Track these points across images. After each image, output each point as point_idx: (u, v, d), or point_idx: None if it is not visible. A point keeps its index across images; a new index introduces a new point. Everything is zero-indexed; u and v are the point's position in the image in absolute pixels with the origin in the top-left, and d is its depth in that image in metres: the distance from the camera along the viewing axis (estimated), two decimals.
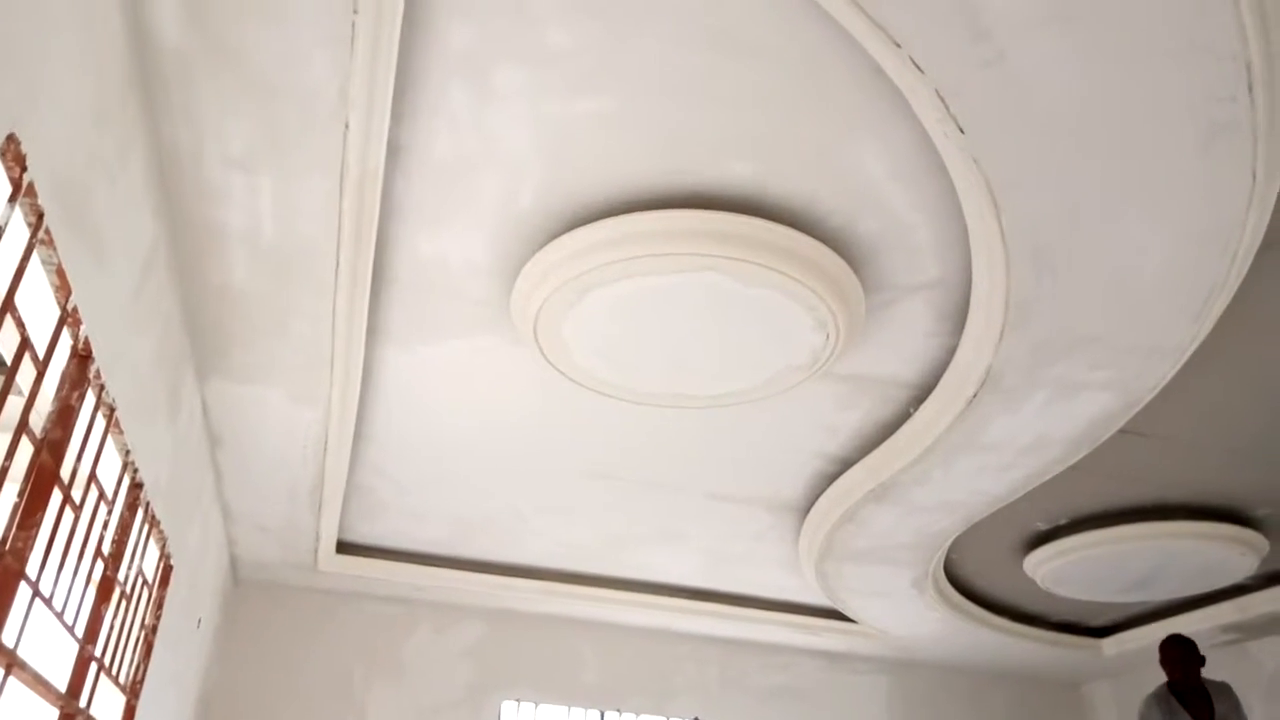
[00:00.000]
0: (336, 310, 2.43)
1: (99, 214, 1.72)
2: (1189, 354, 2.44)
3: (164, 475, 2.67)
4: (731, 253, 2.12)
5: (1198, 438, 3.06)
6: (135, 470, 2.37)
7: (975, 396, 2.57)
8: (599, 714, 5.06)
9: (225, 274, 2.34)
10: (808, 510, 3.70)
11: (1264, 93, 1.67)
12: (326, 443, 3.17)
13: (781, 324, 2.35)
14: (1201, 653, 3.43)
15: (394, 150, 2.04)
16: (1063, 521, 3.74)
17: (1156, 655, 3.59)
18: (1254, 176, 1.84)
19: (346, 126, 1.90)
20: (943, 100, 1.71)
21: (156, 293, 2.19)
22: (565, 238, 2.19)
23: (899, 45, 1.60)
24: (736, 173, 2.07)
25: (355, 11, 1.64)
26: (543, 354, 2.53)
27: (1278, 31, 1.60)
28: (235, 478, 3.49)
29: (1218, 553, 3.63)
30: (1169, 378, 2.53)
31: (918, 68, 1.64)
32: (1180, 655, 3.31)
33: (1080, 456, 2.95)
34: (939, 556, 3.87)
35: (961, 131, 1.77)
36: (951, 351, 2.58)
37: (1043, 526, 3.79)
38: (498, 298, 2.50)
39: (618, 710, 5.09)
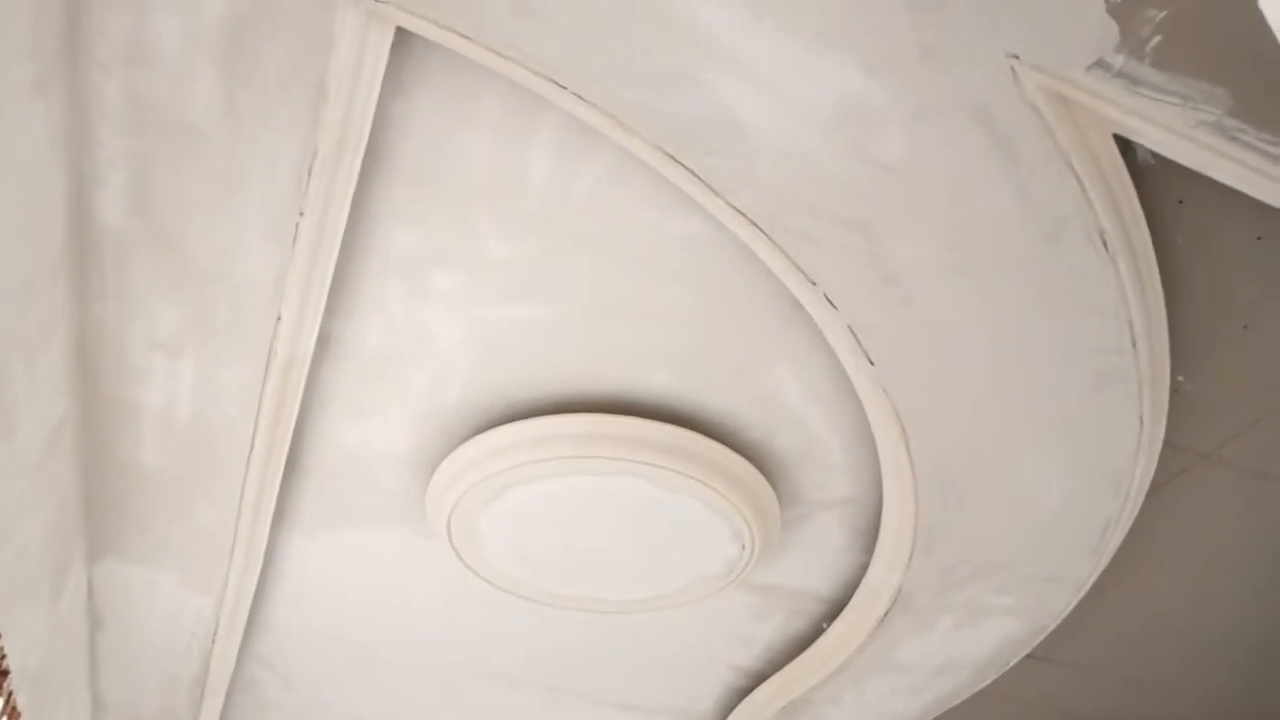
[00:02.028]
0: (245, 496, 2.37)
1: (13, 392, 1.68)
2: (1089, 585, 2.51)
3: (36, 660, 2.48)
4: (651, 459, 2.16)
5: (1100, 666, 3.09)
6: (3, 657, 2.20)
7: (886, 616, 2.58)
8: None
9: (133, 452, 2.28)
10: None
11: (1146, 346, 1.82)
12: (216, 631, 3.00)
13: (698, 532, 2.36)
14: None
15: (324, 341, 2.07)
16: None
17: None
18: (1141, 422, 1.96)
19: (278, 318, 1.92)
20: (854, 335, 1.82)
21: (58, 469, 2.11)
22: (488, 434, 2.20)
23: (814, 284, 1.72)
24: (659, 383, 2.13)
25: (301, 214, 1.70)
26: (455, 550, 2.49)
27: (1153, 295, 1.77)
28: (113, 664, 3.25)
29: None
30: (1072, 606, 2.59)
31: (832, 304, 1.76)
32: None
33: (989, 681, 2.95)
34: None
35: (872, 364, 1.87)
36: (864, 568, 2.61)
37: None
38: (414, 490, 2.47)
39: None
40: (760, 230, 1.63)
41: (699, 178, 1.56)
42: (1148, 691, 3.22)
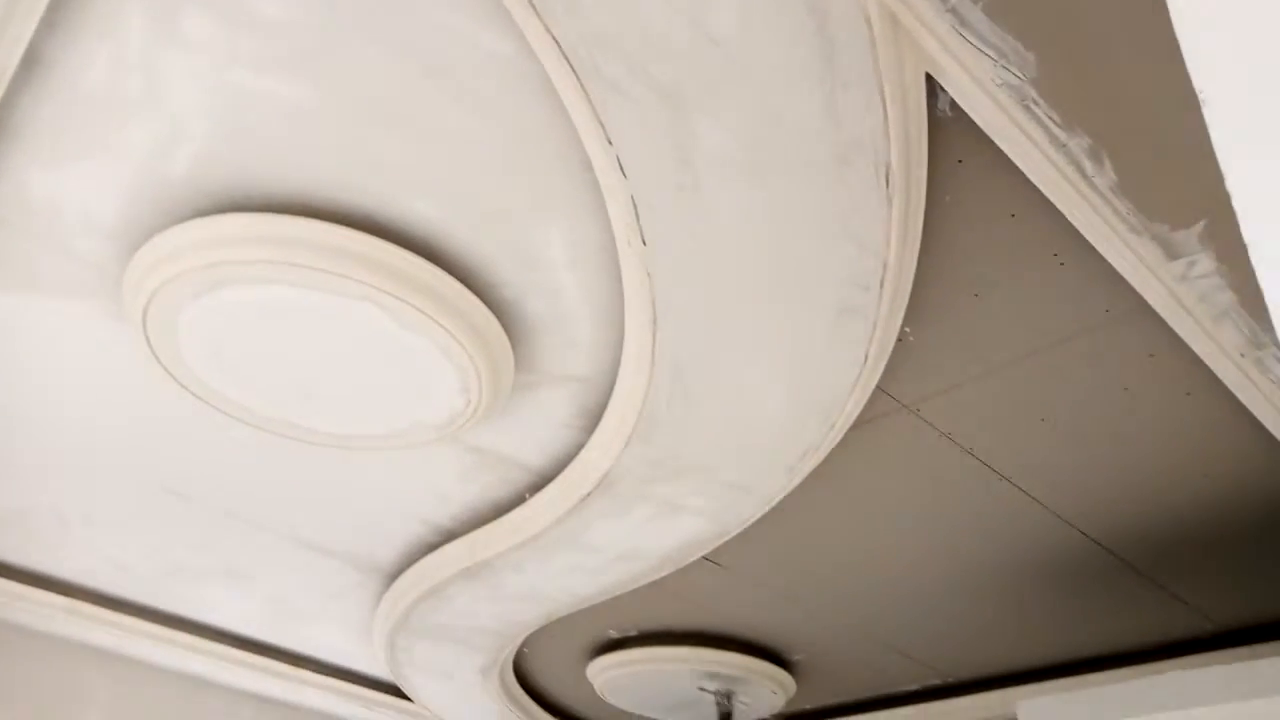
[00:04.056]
0: None
1: None
2: (775, 501, 2.68)
3: None
4: (395, 290, 2.01)
5: (764, 579, 3.36)
6: None
7: (589, 496, 2.63)
8: None
9: None
10: (396, 576, 3.54)
11: (890, 290, 1.92)
12: None
13: (426, 377, 2.26)
14: None
15: (31, 61, 1.73)
16: (632, 633, 3.91)
17: None
18: (866, 359, 2.09)
19: None
20: (635, 209, 1.77)
21: None
22: (214, 219, 1.95)
23: (611, 143, 1.64)
24: (419, 211, 1.99)
25: None
26: (147, 340, 2.22)
27: (911, 243, 1.86)
28: None
29: (755, 688, 3.98)
30: (755, 518, 2.76)
31: (623, 171, 1.69)
32: None
33: (665, 574, 3.12)
34: (512, 648, 3.87)
35: (644, 244, 1.84)
36: (579, 447, 2.64)
37: (615, 635, 3.93)
38: (111, 264, 2.17)
39: None
40: (572, 69, 1.52)
41: None
42: (795, 610, 3.55)
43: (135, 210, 2.03)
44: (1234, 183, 0.61)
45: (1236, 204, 0.61)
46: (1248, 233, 0.60)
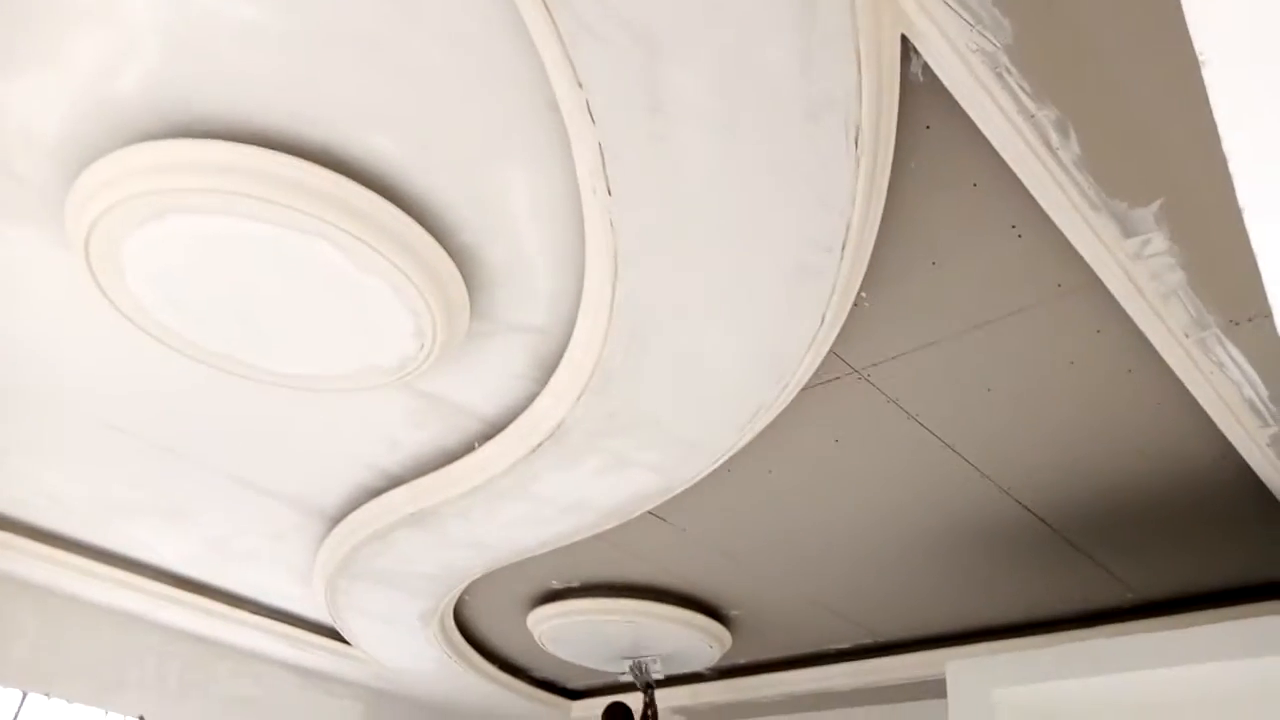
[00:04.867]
0: None
1: None
2: (724, 459, 2.70)
3: None
4: (350, 227, 1.97)
5: (705, 535, 3.39)
6: None
7: (540, 446, 2.62)
8: (21, 695, 4.31)
9: None
10: (338, 520, 3.51)
11: (851, 253, 1.93)
12: None
13: (379, 319, 2.22)
14: None
15: None
16: (575, 584, 3.94)
17: None
18: (822, 321, 2.10)
19: None
20: (602, 156, 1.75)
21: None
22: (163, 143, 1.88)
23: (581, 86, 1.61)
24: (378, 148, 1.94)
25: None
26: (89, 267, 2.15)
27: (875, 206, 1.86)
28: None
29: (691, 641, 4.04)
30: (703, 475, 2.78)
31: (591, 116, 1.66)
32: None
33: (610, 527, 3.13)
34: (454, 594, 3.88)
35: (609, 193, 1.82)
36: (531, 398, 2.62)
37: (556, 585, 3.95)
38: (53, 187, 2.09)
39: (46, 694, 4.37)
40: (545, 7, 1.48)
41: None
42: (734, 566, 3.60)
43: (80, 130, 1.95)
44: (1231, 145, 0.61)
45: (1233, 166, 0.61)
46: (1243, 194, 0.61)
